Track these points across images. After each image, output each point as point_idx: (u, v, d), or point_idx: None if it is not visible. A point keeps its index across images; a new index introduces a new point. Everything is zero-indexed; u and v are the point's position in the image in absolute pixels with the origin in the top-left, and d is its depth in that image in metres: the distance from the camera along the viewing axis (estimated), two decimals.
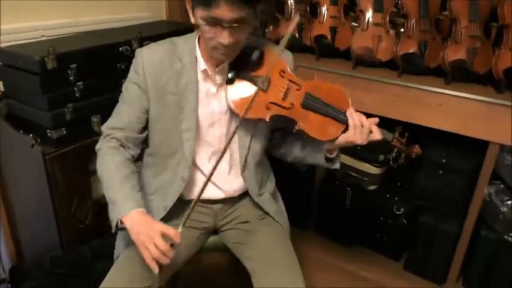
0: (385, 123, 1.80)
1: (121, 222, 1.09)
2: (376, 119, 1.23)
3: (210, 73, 1.23)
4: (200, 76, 1.23)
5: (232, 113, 1.26)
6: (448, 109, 1.68)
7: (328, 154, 1.30)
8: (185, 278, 1.65)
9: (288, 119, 1.24)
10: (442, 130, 1.72)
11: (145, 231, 1.05)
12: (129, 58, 1.70)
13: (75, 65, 1.52)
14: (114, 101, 1.65)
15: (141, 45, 1.75)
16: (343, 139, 1.22)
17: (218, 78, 1.24)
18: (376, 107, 1.85)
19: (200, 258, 1.45)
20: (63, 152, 1.53)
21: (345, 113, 1.21)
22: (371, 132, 1.21)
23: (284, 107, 1.22)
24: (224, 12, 1.03)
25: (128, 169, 1.20)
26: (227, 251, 1.41)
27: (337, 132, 1.22)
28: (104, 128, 1.26)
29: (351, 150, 2.05)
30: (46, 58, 1.42)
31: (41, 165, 1.49)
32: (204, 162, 1.31)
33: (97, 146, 1.24)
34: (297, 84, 1.23)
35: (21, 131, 1.53)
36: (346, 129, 1.21)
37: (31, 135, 1.51)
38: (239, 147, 1.31)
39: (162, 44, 1.25)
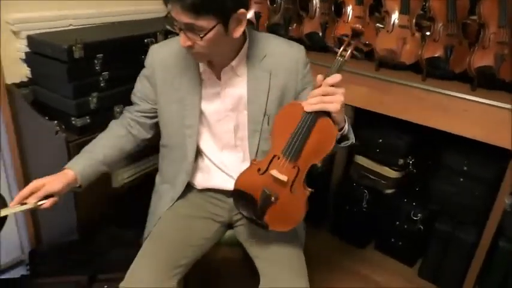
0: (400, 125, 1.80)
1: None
2: (319, 77, 1.08)
3: (210, 74, 1.25)
4: (204, 75, 1.26)
5: (238, 108, 1.28)
6: (473, 116, 1.65)
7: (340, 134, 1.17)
8: (199, 270, 1.66)
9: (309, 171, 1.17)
10: (465, 137, 1.69)
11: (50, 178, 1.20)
12: None
13: (101, 55, 1.54)
14: None
15: (166, 38, 1.77)
16: (338, 117, 1.11)
17: (223, 78, 1.25)
18: (398, 110, 1.83)
19: (215, 251, 1.45)
20: (85, 139, 1.55)
21: (309, 113, 1.10)
22: (333, 85, 1.08)
23: (297, 176, 1.15)
24: (175, 14, 1.04)
25: (107, 142, 1.34)
26: (242, 246, 1.42)
27: (333, 125, 1.10)
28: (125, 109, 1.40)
29: (370, 153, 2.04)
30: (74, 47, 1.44)
31: (64, 152, 1.51)
32: (216, 153, 1.34)
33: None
34: (273, 157, 1.16)
35: (47, 118, 1.56)
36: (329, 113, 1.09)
37: (56, 122, 1.54)
38: (249, 144, 1.31)
39: (172, 41, 1.29)
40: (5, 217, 1.20)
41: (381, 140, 1.98)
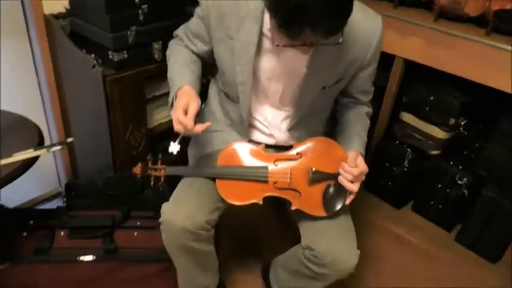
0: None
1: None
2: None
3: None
4: (266, 30, 1.13)
5: (295, 74, 1.18)
6: None
7: None
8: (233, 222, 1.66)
9: None
10: None
11: (184, 98, 1.11)
12: None
13: None
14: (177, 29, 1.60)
15: None
16: None
17: None
18: (455, 66, 1.67)
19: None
20: (122, 76, 1.52)
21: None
22: None
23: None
24: (312, 38, 0.93)
25: (189, 58, 1.28)
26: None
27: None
28: (177, 31, 1.36)
29: (418, 110, 1.91)
30: None
31: (100, 86, 1.48)
32: (259, 108, 1.28)
33: (169, 43, 1.36)
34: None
35: (84, 51, 1.51)
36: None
37: (93, 55, 1.50)
38: (295, 106, 1.24)
39: None
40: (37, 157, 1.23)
41: (432, 98, 1.84)
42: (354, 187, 1.15)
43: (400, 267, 1.85)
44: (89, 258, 1.47)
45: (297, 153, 1.22)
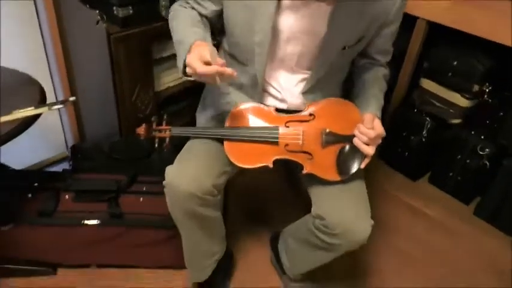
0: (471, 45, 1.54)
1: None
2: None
3: None
4: None
5: (314, 34, 1.10)
6: None
7: None
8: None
9: None
10: None
11: (195, 53, 1.01)
12: None
13: None
14: None
15: None
16: None
17: None
18: (485, 28, 1.56)
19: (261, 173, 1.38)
20: (128, 33, 1.45)
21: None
22: None
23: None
24: None
25: (197, 19, 1.17)
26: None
27: None
28: None
29: (440, 76, 1.80)
30: None
31: (104, 44, 1.42)
32: (271, 71, 1.21)
33: (171, 7, 1.24)
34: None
35: (88, 5, 1.44)
36: None
37: (97, 11, 1.43)
38: (312, 68, 1.18)
39: None
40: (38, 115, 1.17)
41: (456, 63, 1.73)
42: (370, 150, 1.08)
43: (416, 239, 1.80)
44: (93, 222, 1.44)
45: (310, 114, 1.16)
